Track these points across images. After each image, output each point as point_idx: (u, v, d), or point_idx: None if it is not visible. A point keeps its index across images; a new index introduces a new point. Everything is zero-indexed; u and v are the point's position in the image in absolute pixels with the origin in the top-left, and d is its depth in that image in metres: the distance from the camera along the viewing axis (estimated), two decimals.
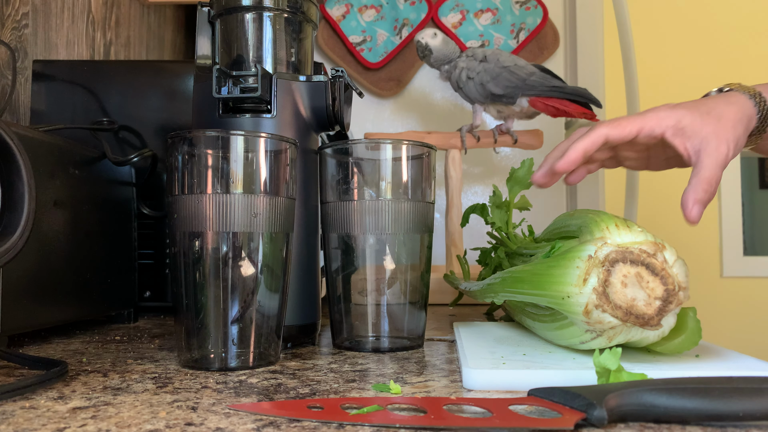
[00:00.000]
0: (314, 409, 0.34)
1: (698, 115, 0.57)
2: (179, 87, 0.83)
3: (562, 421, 0.30)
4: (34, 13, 0.92)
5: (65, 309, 0.59)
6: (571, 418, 0.30)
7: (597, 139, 0.57)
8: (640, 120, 0.57)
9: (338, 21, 1.35)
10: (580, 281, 0.42)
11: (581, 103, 0.96)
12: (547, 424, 0.30)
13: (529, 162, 0.65)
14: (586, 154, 0.58)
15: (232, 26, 0.56)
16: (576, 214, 0.51)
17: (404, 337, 0.54)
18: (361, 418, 0.32)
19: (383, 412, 0.33)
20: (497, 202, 0.67)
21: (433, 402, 0.34)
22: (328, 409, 0.34)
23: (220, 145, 0.45)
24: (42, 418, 0.33)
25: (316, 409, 0.34)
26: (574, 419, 0.30)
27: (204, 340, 0.45)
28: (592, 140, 0.58)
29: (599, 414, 0.30)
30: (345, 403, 0.35)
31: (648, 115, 0.58)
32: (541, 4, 1.35)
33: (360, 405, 0.34)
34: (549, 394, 0.33)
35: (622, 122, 0.58)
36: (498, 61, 0.98)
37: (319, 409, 0.34)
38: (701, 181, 0.54)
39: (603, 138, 0.57)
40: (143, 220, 0.75)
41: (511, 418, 0.31)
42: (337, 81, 0.56)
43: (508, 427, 0.30)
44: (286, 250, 0.48)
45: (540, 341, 0.51)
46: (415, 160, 0.54)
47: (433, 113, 1.36)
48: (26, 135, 0.54)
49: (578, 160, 0.58)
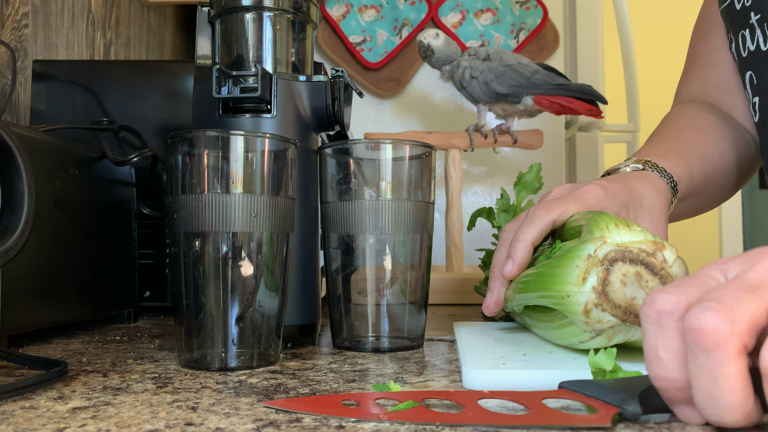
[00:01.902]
0: (350, 405, 0.34)
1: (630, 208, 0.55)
2: (179, 87, 0.83)
3: (599, 418, 0.30)
4: (34, 13, 0.92)
5: (65, 309, 0.59)
6: (607, 414, 0.30)
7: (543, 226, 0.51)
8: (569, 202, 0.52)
9: (338, 21, 1.35)
10: (579, 280, 0.42)
11: (586, 100, 0.96)
12: (585, 422, 0.30)
13: (537, 167, 0.65)
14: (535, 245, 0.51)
15: (232, 26, 0.56)
16: (577, 214, 0.51)
17: (404, 337, 0.54)
18: (399, 416, 0.32)
19: (421, 409, 0.33)
20: (505, 206, 0.67)
21: (467, 396, 0.34)
22: (364, 405, 0.33)
23: (220, 145, 0.45)
24: (42, 418, 0.33)
25: (352, 406, 0.34)
26: (609, 415, 0.30)
27: (204, 340, 0.45)
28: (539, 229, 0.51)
29: (634, 409, 0.30)
30: (380, 399, 0.34)
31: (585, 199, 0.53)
32: (541, 4, 1.35)
33: (394, 400, 0.34)
34: (581, 387, 0.33)
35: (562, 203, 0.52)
36: (501, 60, 0.98)
37: (355, 406, 0.34)
38: None
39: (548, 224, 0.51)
40: (143, 220, 0.75)
41: (548, 416, 0.31)
42: (337, 81, 0.56)
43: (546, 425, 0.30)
44: (286, 250, 0.48)
45: (540, 341, 0.51)
46: (415, 160, 0.54)
47: (433, 113, 1.36)
48: (26, 135, 0.54)
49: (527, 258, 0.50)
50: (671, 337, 0.29)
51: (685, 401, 0.30)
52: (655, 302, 0.30)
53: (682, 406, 0.30)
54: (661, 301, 0.30)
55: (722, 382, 0.27)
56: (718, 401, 0.27)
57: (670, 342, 0.29)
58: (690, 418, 0.30)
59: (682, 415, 0.30)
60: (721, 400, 0.27)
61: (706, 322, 0.27)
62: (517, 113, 1.00)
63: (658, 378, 0.30)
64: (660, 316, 0.30)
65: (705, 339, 0.27)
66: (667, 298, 0.30)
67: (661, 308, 0.30)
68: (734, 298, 0.28)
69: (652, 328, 0.30)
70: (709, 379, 0.27)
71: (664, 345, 0.29)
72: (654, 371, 0.30)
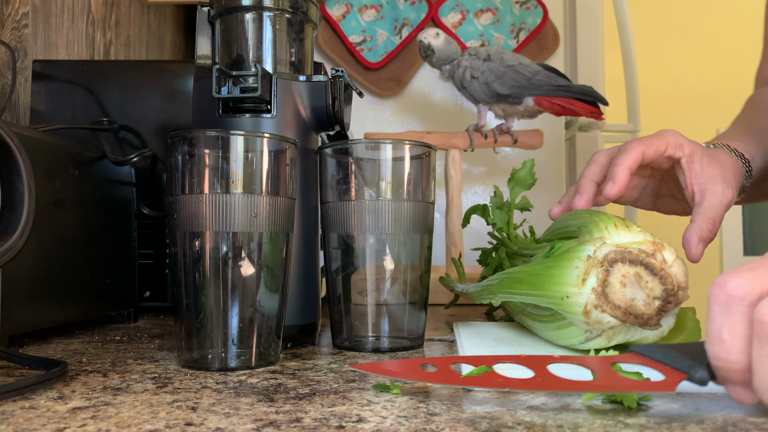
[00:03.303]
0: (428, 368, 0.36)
1: (706, 156, 0.57)
2: (179, 87, 0.83)
3: (664, 385, 0.31)
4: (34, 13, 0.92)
5: (65, 309, 0.59)
6: (673, 380, 0.31)
7: (637, 155, 0.55)
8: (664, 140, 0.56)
9: (338, 21, 1.35)
10: (579, 281, 0.42)
11: (587, 102, 0.96)
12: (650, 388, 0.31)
13: (531, 163, 0.65)
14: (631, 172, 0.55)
15: (232, 26, 0.56)
16: (576, 215, 0.51)
17: (404, 337, 0.54)
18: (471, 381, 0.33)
19: (492, 374, 0.34)
20: (498, 203, 0.67)
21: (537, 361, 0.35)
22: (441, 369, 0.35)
23: (220, 145, 0.45)
24: (42, 418, 0.33)
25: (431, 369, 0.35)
26: (675, 382, 0.31)
27: (204, 340, 0.45)
28: (634, 157, 0.55)
29: (702, 375, 0.31)
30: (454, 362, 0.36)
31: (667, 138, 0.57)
32: (541, 4, 1.35)
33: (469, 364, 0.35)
34: (650, 352, 0.33)
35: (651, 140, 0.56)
36: (502, 60, 0.97)
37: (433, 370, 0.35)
38: (707, 219, 0.53)
39: (641, 154, 0.55)
40: (143, 220, 0.75)
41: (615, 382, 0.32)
42: (337, 81, 0.56)
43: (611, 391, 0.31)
44: (286, 250, 0.48)
45: (540, 341, 0.51)
46: (415, 160, 0.54)
47: (433, 113, 1.36)
48: (26, 135, 0.54)
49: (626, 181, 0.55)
50: (739, 321, 0.30)
51: (740, 383, 0.31)
52: (727, 285, 0.30)
53: (736, 386, 0.31)
54: (733, 285, 0.30)
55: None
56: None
57: (737, 326, 0.30)
58: (742, 398, 0.31)
59: (735, 394, 0.31)
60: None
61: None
62: (518, 114, 1.00)
63: (719, 358, 0.30)
64: (730, 299, 0.30)
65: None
66: (741, 283, 0.30)
67: (732, 292, 0.30)
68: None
69: (720, 310, 0.30)
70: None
71: (730, 328, 0.30)
72: (715, 351, 0.31)
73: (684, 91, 2.49)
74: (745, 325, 0.30)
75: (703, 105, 2.49)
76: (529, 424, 0.31)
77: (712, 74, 2.46)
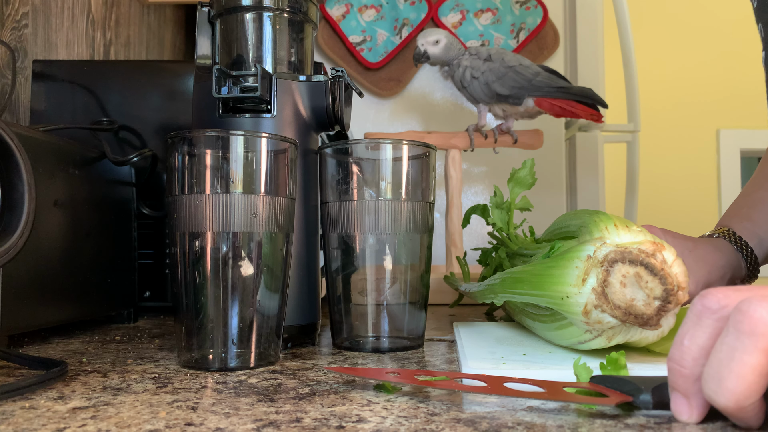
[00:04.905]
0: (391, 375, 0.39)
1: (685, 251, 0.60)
2: (179, 87, 0.83)
3: (606, 401, 0.33)
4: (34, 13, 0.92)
5: (65, 309, 0.59)
6: (616, 399, 0.33)
7: None
8: None
9: (338, 21, 1.35)
10: (579, 281, 0.42)
11: (587, 104, 0.96)
12: (592, 402, 0.33)
13: (530, 163, 0.65)
14: None
15: (232, 26, 0.56)
16: (576, 215, 0.51)
17: (404, 337, 0.54)
18: (429, 383, 0.37)
19: (449, 382, 0.37)
20: (498, 203, 0.67)
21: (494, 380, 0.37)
22: (404, 375, 0.39)
23: (220, 145, 0.45)
24: (42, 418, 0.33)
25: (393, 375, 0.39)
26: (617, 400, 0.33)
27: (204, 340, 0.45)
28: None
29: (645, 398, 0.33)
30: (418, 374, 0.39)
31: None
32: (541, 4, 1.35)
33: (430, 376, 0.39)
34: (602, 380, 0.35)
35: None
36: (503, 61, 0.97)
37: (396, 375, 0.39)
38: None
39: None
40: (143, 220, 0.75)
41: (562, 395, 0.34)
42: (337, 81, 0.56)
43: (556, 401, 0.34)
44: (286, 250, 0.48)
45: (540, 341, 0.51)
46: (415, 160, 0.54)
47: (433, 113, 1.36)
48: (26, 135, 0.54)
49: None
50: (703, 332, 0.30)
51: (682, 391, 0.31)
52: (706, 297, 0.31)
53: (678, 394, 0.31)
54: (712, 299, 0.30)
55: (736, 366, 0.28)
56: (722, 380, 0.28)
57: (700, 335, 0.30)
58: (679, 410, 0.31)
59: (674, 402, 0.32)
60: (725, 380, 0.28)
61: (755, 310, 0.28)
62: (517, 114, 1.00)
63: (672, 359, 0.31)
64: (704, 310, 0.30)
65: (745, 322, 0.28)
66: (720, 298, 0.30)
67: (707, 304, 0.30)
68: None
69: (692, 318, 0.31)
70: (725, 357, 0.28)
71: (693, 335, 0.30)
72: (672, 353, 0.31)
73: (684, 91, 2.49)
74: (707, 336, 0.30)
75: (703, 105, 2.49)
76: (529, 424, 0.31)
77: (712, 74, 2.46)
